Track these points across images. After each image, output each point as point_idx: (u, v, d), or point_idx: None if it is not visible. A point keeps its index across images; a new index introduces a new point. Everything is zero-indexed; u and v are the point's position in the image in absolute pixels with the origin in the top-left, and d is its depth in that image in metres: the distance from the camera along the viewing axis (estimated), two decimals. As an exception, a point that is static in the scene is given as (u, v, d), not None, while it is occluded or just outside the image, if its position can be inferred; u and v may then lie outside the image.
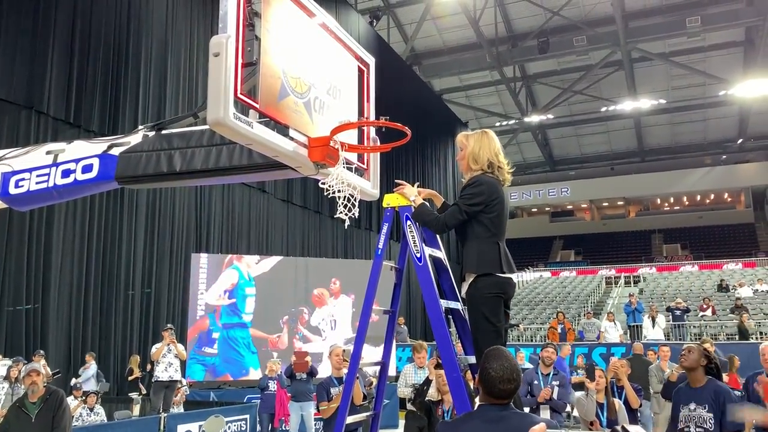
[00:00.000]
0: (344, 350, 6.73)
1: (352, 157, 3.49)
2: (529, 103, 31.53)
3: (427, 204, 3.28)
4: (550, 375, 5.94)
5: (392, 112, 3.44)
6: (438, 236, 3.43)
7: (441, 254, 3.38)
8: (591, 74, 28.56)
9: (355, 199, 3.15)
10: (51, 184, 3.50)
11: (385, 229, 3.29)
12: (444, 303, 3.11)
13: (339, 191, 3.07)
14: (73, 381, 10.13)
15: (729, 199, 42.10)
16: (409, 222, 3.19)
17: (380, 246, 3.26)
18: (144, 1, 13.30)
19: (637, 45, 25.89)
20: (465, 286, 3.10)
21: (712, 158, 37.75)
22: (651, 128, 35.65)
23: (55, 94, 11.40)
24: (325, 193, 3.08)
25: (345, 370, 5.95)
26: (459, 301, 3.29)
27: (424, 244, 3.20)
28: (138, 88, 12.99)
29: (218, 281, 12.90)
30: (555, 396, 5.76)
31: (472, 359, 3.12)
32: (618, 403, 5.76)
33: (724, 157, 37.62)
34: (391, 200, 3.33)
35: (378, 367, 3.65)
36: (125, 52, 12.81)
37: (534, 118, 31.64)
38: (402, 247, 3.33)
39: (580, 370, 13.10)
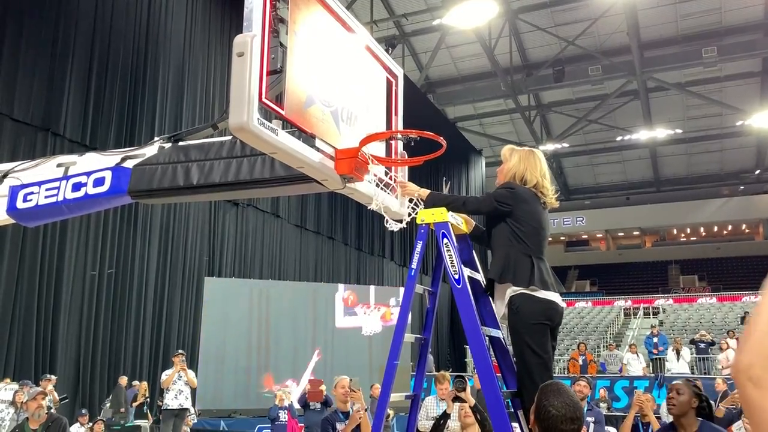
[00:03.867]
0: (351, 380, 6.41)
1: (380, 173, 3.27)
2: (544, 132, 31.33)
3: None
4: (584, 410, 5.54)
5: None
6: (476, 259, 3.15)
7: (479, 276, 3.09)
8: (606, 103, 28.35)
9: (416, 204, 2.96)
10: (61, 198, 3.31)
11: (419, 248, 2.97)
12: (485, 331, 2.82)
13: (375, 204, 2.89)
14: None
15: (747, 231, 41.44)
16: (446, 240, 2.90)
17: (414, 266, 2.97)
18: (162, 25, 13.35)
19: (653, 75, 25.69)
20: (500, 308, 2.82)
21: (730, 189, 37.23)
22: (667, 158, 35.26)
23: (72, 116, 11.38)
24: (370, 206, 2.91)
25: (352, 403, 5.65)
26: (499, 329, 3.00)
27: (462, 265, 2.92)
28: (155, 111, 12.97)
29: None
30: (591, 433, 5.39)
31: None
32: None
33: (742, 187, 37.09)
34: (425, 216, 3.03)
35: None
36: (142, 76, 12.82)
37: (548, 147, 31.37)
38: (436, 268, 3.05)
39: (603, 403, 12.70)
